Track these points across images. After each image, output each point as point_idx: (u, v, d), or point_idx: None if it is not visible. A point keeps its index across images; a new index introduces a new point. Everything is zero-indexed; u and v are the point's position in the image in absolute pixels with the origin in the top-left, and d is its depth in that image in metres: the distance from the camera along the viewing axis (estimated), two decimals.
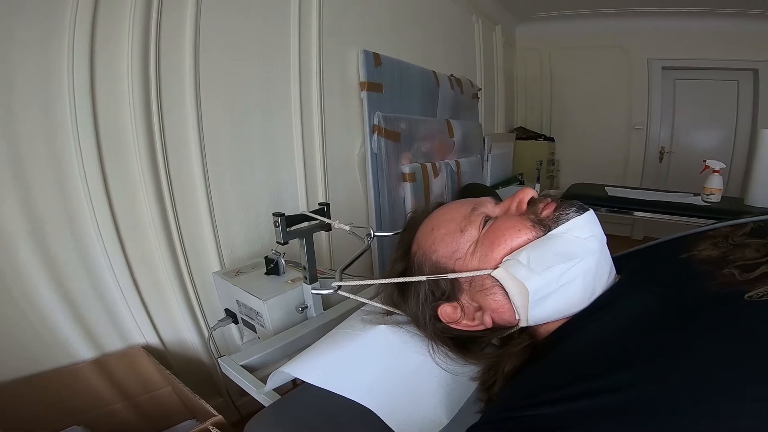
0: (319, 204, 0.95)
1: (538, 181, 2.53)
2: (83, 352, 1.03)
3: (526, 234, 0.50)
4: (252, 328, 1.04)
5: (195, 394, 0.93)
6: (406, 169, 1.83)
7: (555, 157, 3.46)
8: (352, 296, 0.67)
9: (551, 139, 3.43)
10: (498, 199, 0.60)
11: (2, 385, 0.95)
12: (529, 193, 0.55)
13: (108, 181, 0.99)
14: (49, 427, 0.99)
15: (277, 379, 0.65)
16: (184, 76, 1.10)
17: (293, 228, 0.89)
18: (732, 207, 1.94)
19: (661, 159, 3.41)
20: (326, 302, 1.00)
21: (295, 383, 0.71)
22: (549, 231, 0.50)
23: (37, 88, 0.88)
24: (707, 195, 2.04)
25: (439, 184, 2.05)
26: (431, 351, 0.57)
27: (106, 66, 0.96)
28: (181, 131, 1.11)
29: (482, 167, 2.64)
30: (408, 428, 0.54)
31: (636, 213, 2.16)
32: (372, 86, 1.64)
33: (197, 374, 1.20)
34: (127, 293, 1.07)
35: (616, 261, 0.62)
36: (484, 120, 2.84)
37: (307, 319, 0.97)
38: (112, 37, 0.96)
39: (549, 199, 0.53)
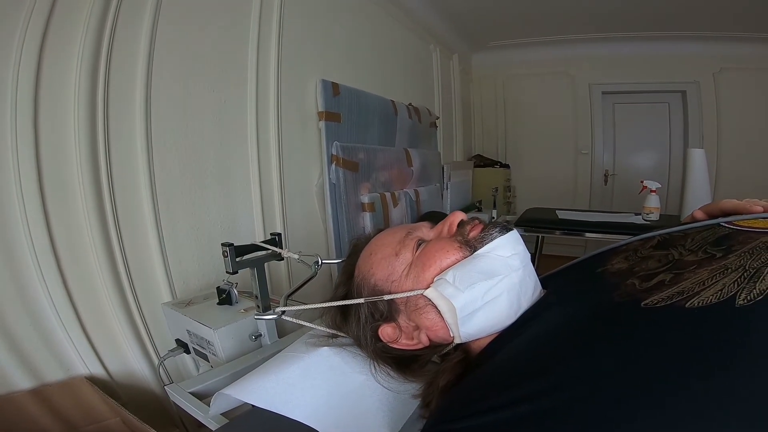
0: (271, 234, 0.96)
1: (494, 207, 2.61)
2: (19, 381, 0.97)
3: (454, 254, 0.53)
4: (204, 357, 1.01)
5: (144, 423, 0.89)
6: (365, 199, 1.83)
7: (511, 183, 3.60)
8: (295, 320, 0.68)
9: (507, 166, 3.58)
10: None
11: None
12: (458, 217, 0.58)
13: (48, 208, 0.95)
14: None
15: (220, 401, 0.66)
16: (135, 101, 1.07)
17: (245, 258, 0.89)
18: (669, 224, 2.06)
19: (606, 181, 3.63)
20: (281, 330, 0.99)
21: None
22: (475, 251, 0.53)
23: None
24: (647, 214, 2.18)
25: (398, 214, 2.07)
26: (373, 370, 0.59)
27: (53, 82, 0.93)
28: (128, 160, 1.08)
29: (441, 195, 2.70)
30: None
31: (586, 234, 2.28)
32: (330, 116, 1.66)
33: (149, 406, 1.13)
34: (67, 323, 1.01)
35: (548, 278, 0.66)
36: (442, 148, 2.93)
37: (261, 347, 0.95)
38: (61, 53, 0.94)
39: (477, 221, 0.57)
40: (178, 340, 1.09)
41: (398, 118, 2.19)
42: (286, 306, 0.70)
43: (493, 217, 2.58)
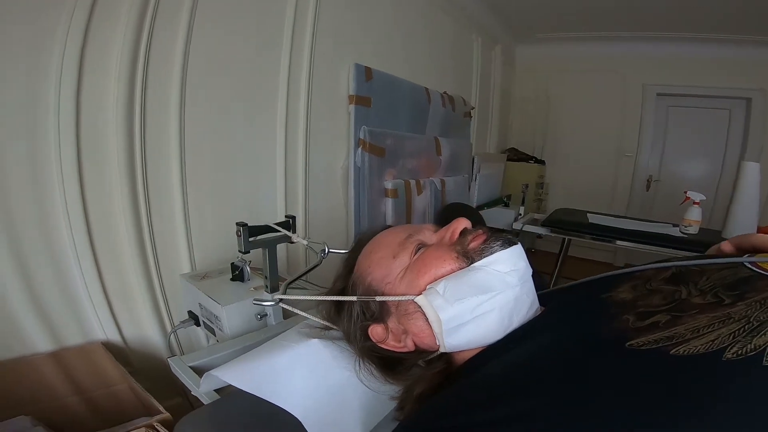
0: (286, 216, 0.97)
1: (522, 203, 2.55)
2: (41, 344, 1.03)
3: (449, 264, 0.52)
4: (212, 331, 1.05)
5: (145, 391, 0.95)
6: (389, 185, 1.84)
7: (544, 181, 3.50)
8: (292, 309, 0.69)
9: (542, 162, 3.47)
10: (477, 220, 0.62)
11: None
12: (461, 224, 0.57)
13: (83, 174, 1.00)
14: None
15: (209, 381, 0.67)
16: (171, 79, 1.11)
17: (258, 238, 0.90)
18: (707, 239, 1.96)
19: (648, 187, 3.46)
20: (286, 311, 1.01)
21: None
22: (472, 263, 0.52)
23: (23, 83, 0.89)
24: (685, 226, 2.07)
25: (422, 202, 2.07)
26: (357, 368, 0.60)
27: (94, 64, 0.97)
28: (162, 133, 1.12)
29: (469, 187, 2.66)
30: None
31: (617, 242, 2.17)
32: (360, 100, 1.66)
33: (158, 373, 1.20)
34: (92, 288, 1.07)
35: (553, 294, 0.64)
36: (475, 139, 2.87)
37: (266, 326, 0.98)
38: (103, 40, 0.98)
39: (480, 231, 0.55)
40: (190, 312, 1.13)
41: (431, 106, 2.17)
42: (285, 294, 0.72)
43: (520, 214, 2.51)
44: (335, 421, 0.59)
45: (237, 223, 0.87)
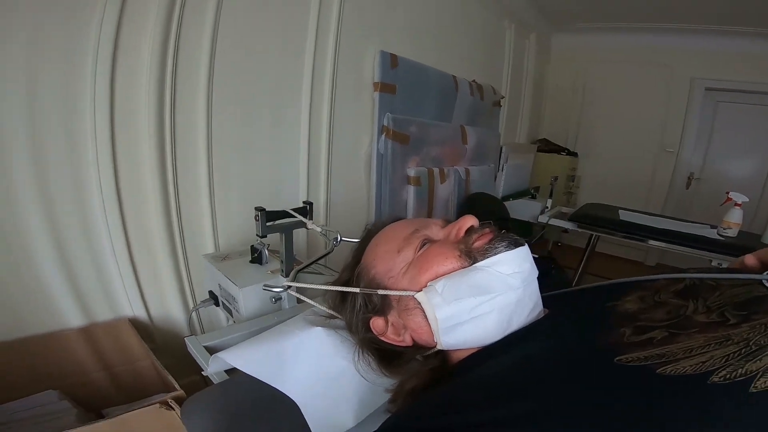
0: (303, 202, 0.98)
1: (550, 196, 2.48)
2: (73, 319, 1.08)
3: (451, 263, 0.52)
4: (230, 312, 1.08)
5: (163, 368, 0.99)
6: (412, 173, 1.84)
7: (576, 173, 3.39)
8: (299, 296, 0.70)
9: (575, 154, 3.36)
10: (500, 212, 0.61)
11: None
12: (468, 222, 0.55)
13: (116, 157, 1.05)
14: (25, 391, 1.04)
15: (217, 363, 0.69)
16: (200, 59, 1.13)
17: (276, 223, 0.92)
18: (745, 243, 1.86)
19: (688, 185, 3.29)
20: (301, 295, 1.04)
21: None
22: (475, 262, 0.51)
23: (60, 60, 0.93)
24: (724, 229, 1.96)
25: (445, 190, 2.05)
26: (356, 358, 0.61)
27: (128, 47, 1.01)
28: (190, 117, 1.16)
29: (495, 177, 2.62)
30: (319, 424, 0.60)
31: (649, 241, 2.08)
32: (385, 87, 1.66)
33: (179, 351, 1.25)
34: (122, 266, 1.12)
35: (561, 296, 0.63)
36: (504, 129, 2.81)
37: (280, 309, 1.00)
38: (136, 24, 1.01)
39: (487, 230, 0.54)
40: (210, 292, 1.16)
41: (458, 94, 2.13)
42: (295, 280, 0.73)
43: (547, 207, 2.46)
44: (330, 408, 0.61)
45: (255, 208, 0.89)
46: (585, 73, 3.41)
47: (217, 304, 1.16)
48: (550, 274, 1.94)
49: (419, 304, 0.53)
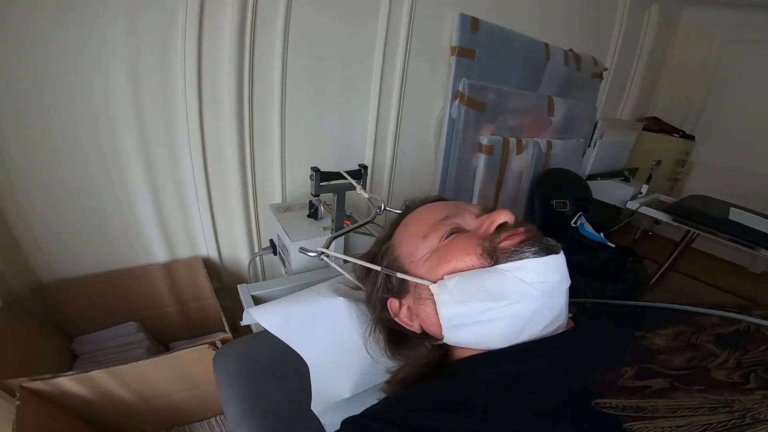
0: (359, 165, 1.01)
1: (648, 181, 2.26)
2: (159, 255, 1.23)
3: (471, 260, 0.50)
4: (283, 263, 1.15)
5: (220, 309, 1.12)
6: (485, 141, 1.82)
7: (689, 159, 2.99)
8: (331, 263, 0.70)
9: (691, 138, 2.96)
10: (579, 191, 0.59)
11: (93, 276, 1.16)
12: (501, 217, 0.52)
13: (203, 109, 1.15)
14: (112, 321, 1.19)
15: (248, 317, 0.72)
16: (276, 22, 1.17)
17: (331, 183, 0.96)
18: None
19: None
20: (348, 253, 1.06)
21: None
22: (496, 264, 0.48)
23: (158, 32, 1.03)
24: None
25: (520, 162, 2.01)
26: (367, 334, 0.63)
27: (212, 7, 1.07)
28: (266, 76, 1.22)
29: (584, 153, 2.45)
30: (319, 389, 0.64)
31: (761, 250, 1.75)
32: (463, 52, 1.65)
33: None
34: (203, 210, 1.25)
35: (600, 308, 0.60)
36: (604, 103, 2.58)
37: (327, 267, 1.00)
38: None
39: (521, 230, 0.50)
40: (271, 241, 1.23)
41: (549, 63, 2.02)
42: (330, 247, 0.73)
43: (641, 193, 2.24)
44: (333, 376, 0.64)
45: (311, 168, 0.93)
46: (720, 51, 2.91)
47: (275, 253, 1.24)
48: (626, 267, 1.83)
49: (432, 295, 0.52)
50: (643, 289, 1.87)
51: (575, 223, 1.93)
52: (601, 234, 1.90)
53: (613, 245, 1.85)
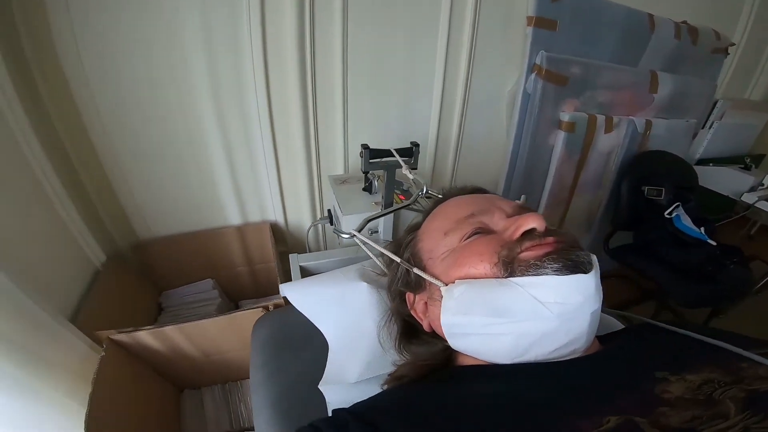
0: (411, 143, 0.99)
1: None
2: (234, 218, 1.33)
3: (484, 268, 0.45)
4: (338, 234, 1.16)
5: (279, 272, 1.19)
6: (566, 117, 1.69)
7: None
8: (361, 245, 0.71)
9: None
10: (682, 179, 0.49)
11: (180, 235, 1.29)
12: (529, 222, 0.46)
13: (270, 84, 1.20)
14: (194, 276, 1.31)
15: (284, 291, 0.74)
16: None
17: (382, 160, 0.96)
18: None
19: None
20: (396, 231, 1.08)
21: None
22: (510, 276, 0.43)
23: (227, 12, 1.08)
24: None
25: (608, 142, 1.82)
26: (382, 323, 0.62)
27: None
28: (328, 50, 1.23)
29: (695, 135, 2.13)
30: (332, 369, 0.65)
31: None
32: (541, 22, 1.53)
33: None
34: (271, 178, 1.34)
35: (645, 329, 0.52)
36: (728, 80, 2.21)
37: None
38: None
39: (550, 239, 0.44)
40: (329, 211, 1.26)
41: (654, 36, 1.77)
42: (364, 229, 0.76)
43: (762, 184, 1.89)
44: (345, 359, 0.65)
45: (362, 145, 0.94)
46: None
47: (331, 222, 1.28)
48: (727, 269, 1.58)
49: (441, 297, 0.49)
50: (739, 294, 1.59)
51: (670, 213, 1.70)
52: (702, 230, 1.65)
53: (714, 243, 1.60)
